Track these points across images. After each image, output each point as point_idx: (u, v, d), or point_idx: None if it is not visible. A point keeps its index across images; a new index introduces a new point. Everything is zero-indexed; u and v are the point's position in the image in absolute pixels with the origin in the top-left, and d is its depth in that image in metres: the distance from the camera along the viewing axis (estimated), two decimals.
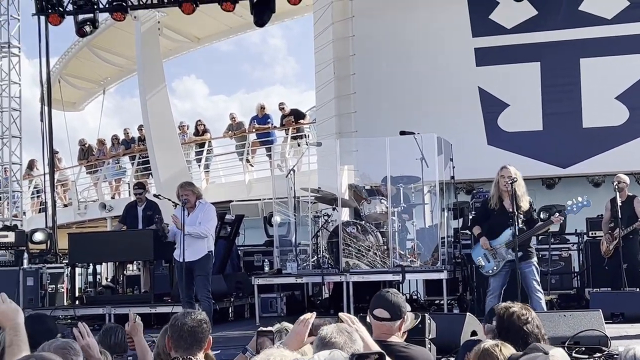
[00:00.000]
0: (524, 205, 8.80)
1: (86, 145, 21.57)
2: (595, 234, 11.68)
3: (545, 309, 8.73)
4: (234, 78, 64.13)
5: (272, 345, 3.76)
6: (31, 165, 21.61)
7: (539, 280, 8.92)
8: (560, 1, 14.39)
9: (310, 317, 3.94)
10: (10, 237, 13.16)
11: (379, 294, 4.59)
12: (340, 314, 4.12)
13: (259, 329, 4.02)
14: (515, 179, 8.68)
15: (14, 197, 16.34)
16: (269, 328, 4.05)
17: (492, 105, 14.68)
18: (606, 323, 7.47)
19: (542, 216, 11.28)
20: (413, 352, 4.40)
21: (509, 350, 3.79)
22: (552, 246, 11.80)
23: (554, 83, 14.40)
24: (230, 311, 12.16)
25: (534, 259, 8.98)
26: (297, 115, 18.10)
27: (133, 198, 12.89)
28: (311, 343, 3.86)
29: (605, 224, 10.82)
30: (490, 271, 8.97)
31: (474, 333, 7.04)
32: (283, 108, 18.26)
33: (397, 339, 4.45)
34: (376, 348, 4.05)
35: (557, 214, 9.00)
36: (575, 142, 14.29)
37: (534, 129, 14.47)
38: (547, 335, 4.65)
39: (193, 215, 10.00)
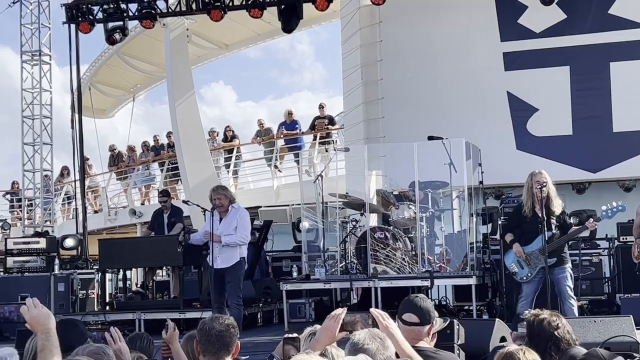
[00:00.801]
0: (557, 209, 8.72)
1: (116, 151, 21.73)
2: (626, 239, 11.52)
3: (577, 316, 8.64)
4: (262, 84, 64.47)
5: (297, 353, 3.75)
6: (63, 172, 21.85)
7: (572, 286, 8.82)
8: (590, 5, 14.25)
9: (341, 312, 3.93)
10: (42, 243, 13.29)
11: (408, 299, 4.59)
12: (371, 309, 4.10)
13: (285, 336, 4.01)
14: (544, 184, 8.63)
15: (45, 204, 16.53)
16: (295, 335, 4.04)
17: (521, 110, 14.56)
18: (637, 329, 7.39)
19: (572, 221, 11.20)
20: (442, 358, 4.39)
21: (532, 355, 3.77)
22: (583, 251, 11.68)
23: (584, 87, 14.26)
24: (259, 316, 12.20)
25: (568, 265, 8.87)
26: (331, 121, 18.11)
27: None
28: (342, 339, 3.85)
29: (636, 229, 10.64)
30: (525, 277, 8.90)
31: (503, 339, 7.01)
32: (322, 107, 18.24)
33: (425, 344, 4.44)
34: (407, 346, 4.04)
35: (592, 220, 8.89)
36: (605, 146, 14.14)
37: (564, 134, 14.33)
38: (578, 342, 4.61)
39: (226, 221, 10.00)
